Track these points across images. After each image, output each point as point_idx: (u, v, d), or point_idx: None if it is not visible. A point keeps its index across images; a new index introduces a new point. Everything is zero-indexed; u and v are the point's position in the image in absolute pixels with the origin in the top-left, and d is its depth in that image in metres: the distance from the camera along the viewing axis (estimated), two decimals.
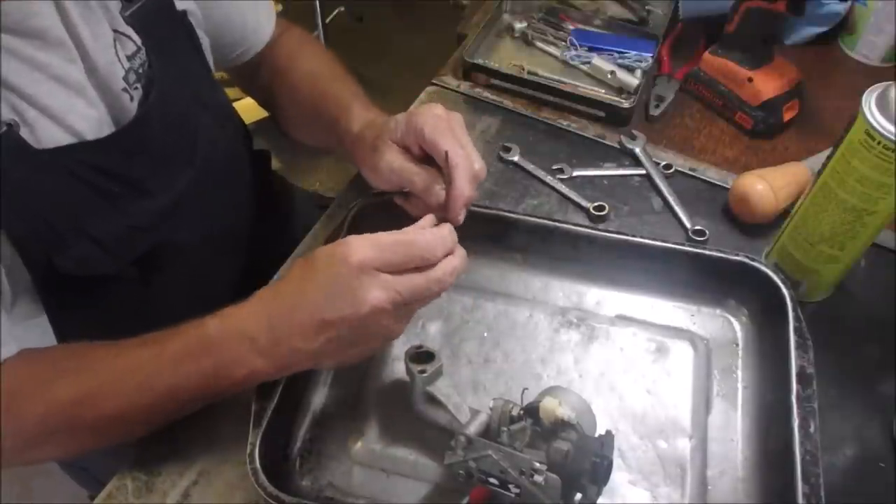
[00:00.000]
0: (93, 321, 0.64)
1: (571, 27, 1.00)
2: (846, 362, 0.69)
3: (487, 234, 0.72)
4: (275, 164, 1.13)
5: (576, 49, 0.97)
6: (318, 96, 0.76)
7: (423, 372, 0.59)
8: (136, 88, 0.63)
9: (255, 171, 0.87)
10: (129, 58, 0.62)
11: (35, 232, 0.56)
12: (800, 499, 0.53)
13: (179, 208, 0.67)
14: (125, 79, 0.61)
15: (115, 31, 0.60)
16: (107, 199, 0.61)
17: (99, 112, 0.60)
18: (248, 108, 2.05)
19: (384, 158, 0.63)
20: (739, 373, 0.67)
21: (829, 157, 0.64)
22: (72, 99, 0.57)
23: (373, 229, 0.72)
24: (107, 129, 0.60)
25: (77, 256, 0.59)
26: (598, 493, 0.53)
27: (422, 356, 0.60)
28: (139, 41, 0.62)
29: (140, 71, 0.63)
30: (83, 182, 0.58)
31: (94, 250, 0.60)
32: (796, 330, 0.62)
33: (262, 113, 2.32)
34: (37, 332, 0.61)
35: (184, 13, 0.66)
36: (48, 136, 0.56)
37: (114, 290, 0.65)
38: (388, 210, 0.72)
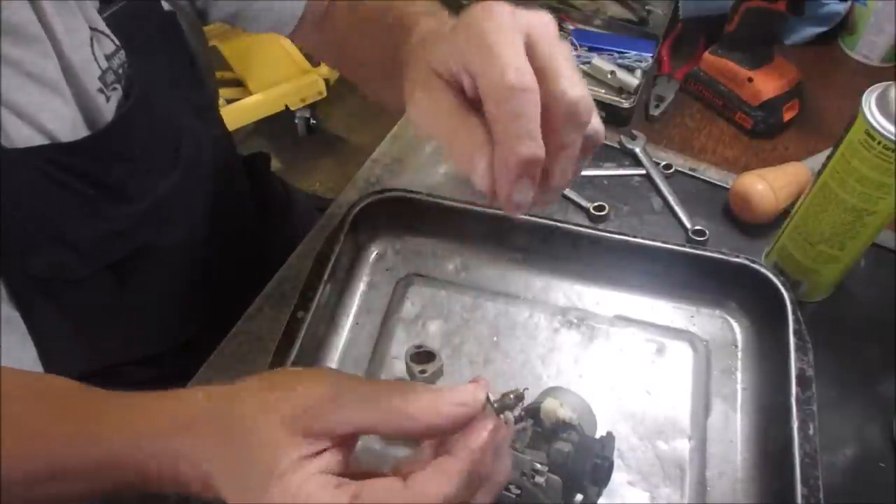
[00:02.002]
0: (67, 321, 0.62)
1: (571, 27, 1.00)
2: (846, 362, 0.68)
3: (488, 233, 0.72)
4: (274, 164, 1.12)
5: (576, 49, 0.96)
6: (389, 17, 0.58)
7: (423, 372, 0.59)
8: (114, 89, 0.58)
9: (244, 175, 0.84)
10: (108, 57, 0.58)
11: (6, 233, 0.54)
12: (799, 500, 0.53)
13: (161, 213, 0.64)
14: (101, 79, 0.57)
15: (94, 28, 0.57)
16: (82, 202, 0.57)
17: (73, 112, 0.56)
18: (248, 109, 2.06)
19: (414, 99, 0.43)
20: (739, 374, 0.67)
21: (829, 157, 0.64)
22: (46, 97, 0.54)
23: (373, 229, 0.74)
24: (81, 130, 0.57)
25: (50, 260, 0.57)
26: (599, 494, 0.54)
27: (422, 356, 0.60)
28: (119, 42, 0.59)
29: (120, 71, 0.59)
30: (56, 184, 0.55)
31: (69, 254, 0.58)
32: (796, 332, 0.62)
33: (260, 113, 2.32)
34: (16, 331, 0.58)
35: (172, 14, 0.63)
36: (18, 135, 0.53)
37: (88, 290, 0.63)
38: (389, 210, 0.72)
